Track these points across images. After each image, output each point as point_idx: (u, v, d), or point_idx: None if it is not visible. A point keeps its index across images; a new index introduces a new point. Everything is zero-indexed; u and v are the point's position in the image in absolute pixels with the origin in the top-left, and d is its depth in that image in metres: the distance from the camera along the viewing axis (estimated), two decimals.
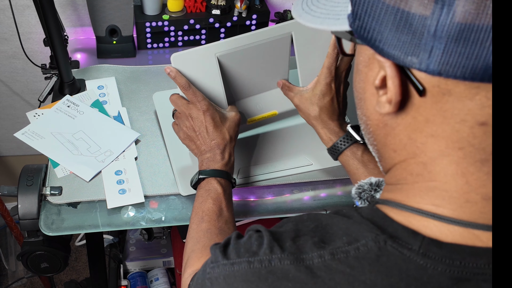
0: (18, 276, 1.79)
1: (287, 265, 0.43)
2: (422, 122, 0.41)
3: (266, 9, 1.31)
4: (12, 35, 1.31)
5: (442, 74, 0.38)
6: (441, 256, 0.40)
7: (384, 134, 0.46)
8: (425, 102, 0.40)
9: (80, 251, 1.90)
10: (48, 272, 1.01)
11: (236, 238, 0.50)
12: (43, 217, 0.90)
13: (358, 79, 0.47)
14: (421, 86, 0.40)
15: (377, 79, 0.42)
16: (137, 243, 1.60)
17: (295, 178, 0.99)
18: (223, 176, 0.81)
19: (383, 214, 0.44)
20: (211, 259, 0.49)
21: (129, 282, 1.53)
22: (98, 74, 1.18)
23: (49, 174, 0.96)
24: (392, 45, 0.40)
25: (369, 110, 0.47)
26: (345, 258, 0.42)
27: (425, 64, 0.38)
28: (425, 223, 0.42)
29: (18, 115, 1.55)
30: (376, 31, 0.40)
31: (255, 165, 1.00)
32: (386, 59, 0.41)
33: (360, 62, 0.46)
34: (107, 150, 1.00)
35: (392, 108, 0.42)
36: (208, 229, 0.74)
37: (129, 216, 0.92)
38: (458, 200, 0.41)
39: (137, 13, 1.25)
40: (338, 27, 0.45)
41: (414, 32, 0.38)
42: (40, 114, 1.06)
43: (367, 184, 0.56)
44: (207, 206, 0.77)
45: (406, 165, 0.45)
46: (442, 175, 0.42)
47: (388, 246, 0.41)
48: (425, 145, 0.42)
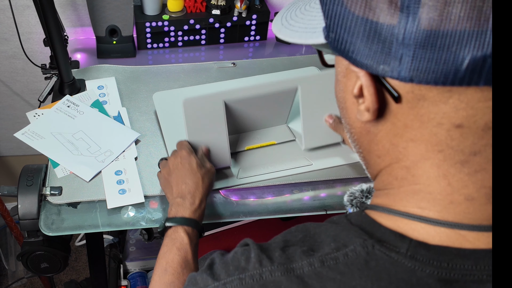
0: (18, 276, 1.79)
1: (278, 276, 0.43)
2: (401, 127, 0.42)
3: (266, 9, 1.31)
4: (12, 35, 1.31)
5: (413, 80, 0.38)
6: (429, 258, 0.41)
7: (367, 141, 0.47)
8: (401, 108, 0.41)
9: (80, 251, 1.90)
10: (48, 272, 1.01)
11: (221, 256, 0.49)
12: (43, 217, 0.90)
13: (338, 89, 0.48)
14: (396, 93, 0.41)
15: (355, 88, 0.43)
16: (137, 243, 1.60)
17: (295, 178, 0.99)
18: (191, 224, 0.78)
19: (371, 219, 0.45)
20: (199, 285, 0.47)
21: (129, 282, 1.53)
22: (98, 74, 1.18)
23: (49, 174, 0.96)
24: (364, 55, 0.40)
25: (351, 118, 0.48)
26: (335, 264, 0.42)
27: (396, 72, 0.39)
28: (412, 226, 0.43)
29: (18, 115, 1.55)
30: (349, 42, 0.41)
31: (255, 165, 1.00)
32: (360, 69, 0.42)
33: (339, 73, 0.47)
34: (107, 150, 1.00)
35: (371, 116, 0.43)
36: (172, 282, 0.72)
37: (129, 216, 0.92)
38: (442, 201, 0.42)
39: (137, 13, 1.25)
40: (314, 40, 0.46)
41: (384, 41, 0.39)
42: (40, 114, 1.06)
43: (358, 191, 0.57)
44: (171, 256, 0.75)
45: (390, 170, 0.46)
46: (425, 178, 0.42)
47: (376, 250, 0.42)
48: (406, 150, 0.43)
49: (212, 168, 0.88)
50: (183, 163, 0.84)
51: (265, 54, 1.33)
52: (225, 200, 0.96)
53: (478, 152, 0.40)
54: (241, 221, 1.36)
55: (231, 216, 0.95)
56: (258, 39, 1.35)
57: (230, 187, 0.97)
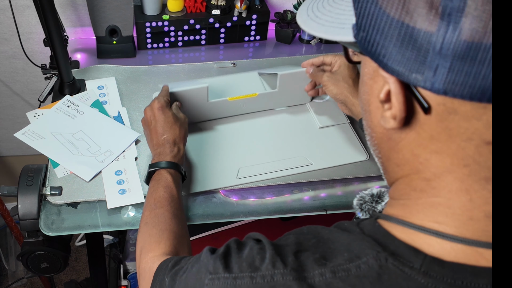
0: (18, 276, 1.79)
1: (289, 281, 0.42)
2: (426, 138, 0.41)
3: (266, 9, 1.31)
4: (12, 35, 1.31)
5: (447, 94, 0.37)
6: (443, 275, 0.39)
7: (388, 148, 0.46)
8: (429, 119, 0.40)
9: (80, 251, 1.90)
10: (48, 272, 1.01)
11: (237, 249, 0.49)
12: (43, 217, 0.90)
13: (363, 91, 0.46)
14: (426, 104, 0.39)
15: (382, 93, 0.41)
16: None
17: (295, 178, 0.99)
18: (172, 167, 0.85)
19: (384, 231, 0.44)
20: (208, 269, 0.47)
21: (129, 282, 1.53)
22: (98, 74, 1.18)
23: (49, 174, 0.96)
24: (397, 60, 0.38)
25: (374, 122, 0.46)
26: (346, 276, 0.41)
27: (430, 83, 0.37)
28: (427, 240, 0.41)
29: (18, 115, 1.55)
30: (381, 45, 0.39)
31: (255, 165, 1.00)
32: (390, 75, 0.40)
33: (365, 74, 0.45)
34: (107, 150, 1.00)
35: (397, 124, 0.42)
36: (162, 213, 0.77)
37: (129, 216, 0.92)
38: (461, 217, 0.41)
39: (137, 13, 1.25)
40: (342, 37, 0.44)
41: (419, 49, 0.37)
42: (40, 114, 1.06)
43: (368, 196, 0.55)
44: (158, 194, 0.81)
45: (409, 180, 0.44)
46: (446, 192, 0.41)
47: (390, 264, 0.40)
48: (428, 161, 0.42)
49: (186, 118, 0.95)
50: (160, 115, 0.90)
51: (265, 54, 1.33)
52: (225, 200, 0.96)
53: None
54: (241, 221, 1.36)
55: (231, 216, 0.95)
56: (258, 39, 1.35)
57: (230, 187, 0.97)
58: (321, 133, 1.06)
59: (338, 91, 0.96)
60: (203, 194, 0.96)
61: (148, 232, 0.75)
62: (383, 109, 0.43)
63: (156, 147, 0.89)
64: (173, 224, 0.76)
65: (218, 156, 1.01)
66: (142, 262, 0.71)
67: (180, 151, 0.89)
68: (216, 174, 0.98)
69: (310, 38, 1.35)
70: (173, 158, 0.87)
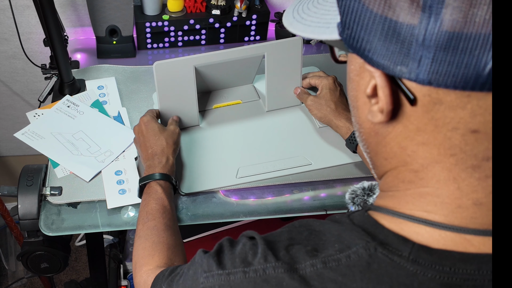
0: (18, 276, 1.79)
1: (281, 273, 0.43)
2: (413, 130, 0.41)
3: (266, 9, 1.31)
4: (12, 35, 1.31)
5: (432, 84, 0.37)
6: (431, 262, 0.40)
7: (375, 143, 0.46)
8: (416, 111, 0.40)
9: (80, 251, 1.90)
10: (48, 272, 1.01)
11: (230, 246, 0.49)
12: (43, 217, 0.90)
13: (351, 87, 0.47)
14: (412, 96, 0.39)
15: (369, 88, 0.42)
16: None
17: (295, 178, 0.99)
18: (162, 178, 0.86)
19: (374, 221, 0.44)
20: (203, 268, 0.48)
21: (129, 282, 1.53)
22: (98, 74, 1.18)
23: (49, 174, 0.96)
24: (381, 54, 0.39)
25: (361, 118, 0.47)
26: (337, 266, 0.42)
27: (414, 74, 0.38)
28: (416, 229, 0.42)
29: (18, 115, 1.55)
30: (365, 40, 0.40)
31: (254, 164, 1.00)
32: (376, 69, 0.40)
33: (352, 71, 0.46)
34: (107, 150, 1.00)
35: (384, 117, 0.42)
36: (155, 226, 0.78)
37: (129, 216, 0.92)
38: (449, 205, 0.41)
39: (137, 13, 1.25)
40: (328, 36, 0.45)
41: (403, 42, 0.38)
42: (40, 114, 1.06)
43: (360, 189, 0.56)
44: (150, 206, 0.82)
45: (397, 172, 0.45)
46: (434, 181, 0.42)
47: (379, 253, 0.41)
48: (416, 153, 0.42)
49: (176, 129, 0.96)
50: (146, 129, 0.92)
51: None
52: (225, 200, 0.96)
53: (491, 158, 0.39)
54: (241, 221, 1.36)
55: (231, 216, 0.95)
56: (258, 39, 1.35)
57: (230, 186, 0.97)
58: (320, 133, 1.06)
59: (321, 115, 1.01)
60: (203, 194, 0.96)
61: (142, 245, 0.76)
62: (370, 104, 0.43)
63: (145, 160, 0.91)
64: (166, 236, 0.77)
65: (217, 155, 1.01)
66: (137, 276, 0.72)
67: (169, 161, 0.89)
68: (215, 173, 0.98)
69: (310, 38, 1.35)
70: (162, 169, 0.87)
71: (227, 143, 1.03)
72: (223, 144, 1.03)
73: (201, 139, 1.04)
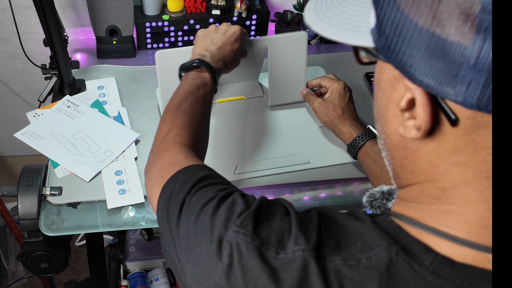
0: (18, 276, 1.79)
1: (309, 257, 0.42)
2: (448, 150, 0.39)
3: (266, 9, 1.31)
4: (12, 35, 1.31)
5: (481, 109, 0.35)
6: (452, 276, 0.39)
7: (402, 156, 0.45)
8: (455, 132, 0.38)
9: (80, 251, 1.90)
10: (48, 272, 1.01)
11: (267, 216, 0.48)
12: (43, 217, 0.90)
13: (380, 96, 0.45)
14: (454, 117, 0.37)
15: (403, 101, 0.40)
16: (137, 243, 1.60)
17: (295, 178, 0.99)
18: (212, 71, 0.81)
19: (397, 226, 0.43)
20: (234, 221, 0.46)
21: (129, 282, 1.53)
22: (98, 74, 1.18)
23: (49, 174, 0.95)
24: (425, 72, 0.36)
25: (390, 129, 0.44)
26: (356, 265, 0.41)
27: (462, 97, 0.35)
28: (437, 242, 0.41)
29: (18, 115, 1.55)
30: (407, 54, 0.37)
31: (253, 161, 1.00)
32: (418, 86, 0.38)
33: (383, 80, 0.43)
34: (107, 150, 1.00)
35: (420, 135, 0.40)
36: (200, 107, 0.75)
37: (129, 216, 0.92)
38: (475, 225, 0.40)
39: (137, 13, 1.25)
40: (359, 41, 0.42)
41: (451, 62, 0.35)
42: (40, 114, 1.06)
43: (379, 193, 0.54)
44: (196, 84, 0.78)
45: (423, 187, 0.43)
46: (462, 201, 0.40)
47: (400, 258, 0.40)
48: (447, 172, 0.40)
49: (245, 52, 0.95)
50: (221, 29, 0.89)
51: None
52: None
53: None
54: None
55: None
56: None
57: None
58: (321, 132, 1.06)
59: (327, 119, 0.98)
60: None
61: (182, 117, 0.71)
62: (403, 118, 0.41)
63: (210, 46, 0.87)
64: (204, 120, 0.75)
65: (216, 151, 1.01)
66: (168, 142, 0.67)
67: (220, 62, 0.86)
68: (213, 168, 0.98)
69: (310, 38, 1.35)
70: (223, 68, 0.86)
71: (227, 139, 1.04)
72: (223, 139, 1.03)
73: None
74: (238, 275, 0.44)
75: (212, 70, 0.81)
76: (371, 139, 0.92)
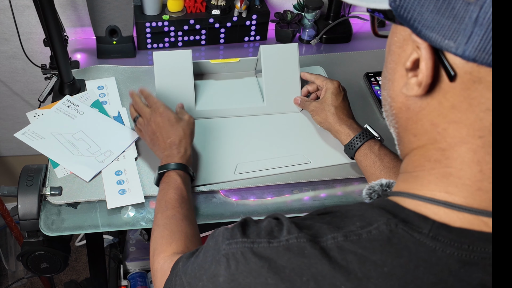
0: (18, 276, 1.79)
1: (303, 242, 0.44)
2: (447, 107, 0.42)
3: (266, 9, 1.31)
4: (12, 35, 1.31)
5: (477, 61, 0.38)
6: (450, 239, 0.41)
7: (406, 118, 0.47)
8: (454, 88, 0.41)
9: (80, 251, 1.90)
10: (48, 273, 1.01)
11: (254, 222, 0.50)
12: (43, 217, 0.90)
13: (390, 60, 0.48)
14: (453, 71, 0.40)
15: (409, 61, 0.43)
16: (137, 243, 1.60)
17: (295, 178, 0.99)
18: (181, 168, 0.87)
19: (394, 203, 0.45)
20: (225, 236, 0.49)
21: (129, 282, 1.53)
22: (98, 74, 1.18)
23: (49, 174, 0.95)
24: (431, 27, 0.40)
25: (395, 91, 0.47)
26: (358, 240, 0.43)
27: (461, 49, 0.39)
28: (435, 210, 0.43)
29: (18, 115, 1.55)
30: (417, 12, 0.41)
31: (253, 161, 1.00)
32: (423, 41, 0.41)
33: (394, 43, 0.46)
34: (107, 150, 1.00)
35: (421, 91, 0.43)
36: (173, 215, 0.78)
37: (129, 216, 0.92)
38: (470, 187, 0.42)
39: (137, 13, 1.25)
40: (377, 4, 0.45)
41: (456, 17, 0.38)
42: (40, 114, 1.06)
43: (378, 185, 0.56)
44: (169, 195, 0.82)
45: (424, 151, 0.46)
46: (458, 162, 0.43)
47: (399, 229, 0.42)
48: (446, 131, 0.43)
49: (191, 119, 0.94)
50: (163, 119, 0.91)
51: None
52: (225, 200, 0.96)
53: None
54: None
55: (231, 216, 0.95)
56: (258, 39, 1.35)
57: (227, 182, 0.97)
58: (321, 132, 1.06)
59: (321, 119, 1.00)
60: (203, 194, 0.96)
61: (160, 234, 0.76)
62: (408, 77, 0.44)
63: (163, 150, 0.90)
64: (184, 225, 0.77)
65: (216, 151, 1.01)
66: (155, 263, 0.72)
67: (187, 151, 0.90)
68: (213, 168, 0.98)
69: (310, 38, 1.35)
70: (181, 159, 0.88)
71: (227, 139, 1.04)
72: (223, 139, 1.03)
73: (201, 134, 1.04)
74: (242, 281, 0.45)
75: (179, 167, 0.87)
76: (369, 140, 0.92)
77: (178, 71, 1.05)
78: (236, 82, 1.14)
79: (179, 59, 1.05)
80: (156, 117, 0.91)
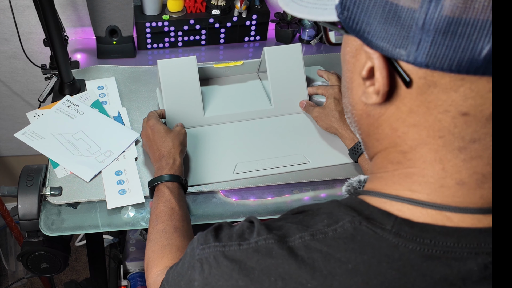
0: (18, 276, 1.79)
1: (271, 243, 0.45)
2: (405, 112, 0.43)
3: (266, 9, 1.31)
4: (12, 35, 1.31)
5: (429, 67, 0.39)
6: (412, 234, 0.42)
7: (367, 124, 0.48)
8: (410, 93, 0.41)
9: (80, 251, 1.90)
10: (48, 273, 1.01)
11: (228, 226, 0.51)
12: (43, 217, 0.90)
13: (346, 69, 0.48)
14: (408, 78, 0.41)
15: (364, 70, 0.43)
16: (137, 243, 1.60)
17: (295, 178, 0.99)
18: (170, 179, 0.87)
19: (360, 200, 0.46)
20: (199, 241, 0.50)
21: (129, 282, 1.53)
22: (98, 75, 1.18)
23: (49, 175, 0.96)
24: (381, 37, 0.40)
25: (355, 99, 0.48)
26: (323, 238, 0.44)
27: (413, 57, 0.39)
28: (399, 207, 0.44)
29: (18, 115, 1.55)
30: (365, 22, 0.41)
31: (252, 161, 1.00)
32: (374, 51, 0.42)
33: (347, 53, 0.47)
34: (107, 150, 1.00)
35: (379, 99, 0.43)
36: (163, 229, 0.79)
37: (129, 216, 0.92)
38: (433, 185, 0.43)
39: (137, 13, 1.25)
40: (325, 17, 0.45)
41: (403, 25, 0.39)
42: (40, 115, 1.06)
43: (356, 181, 0.57)
44: (159, 209, 0.82)
45: (386, 153, 0.47)
46: (420, 162, 0.43)
47: (363, 226, 0.43)
48: (406, 135, 0.44)
49: (182, 130, 0.96)
50: (153, 132, 0.93)
51: None
52: (225, 200, 0.96)
53: (478, 140, 0.40)
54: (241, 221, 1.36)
55: (231, 216, 0.95)
56: (258, 39, 1.35)
57: (227, 181, 0.97)
58: (321, 132, 1.06)
59: (326, 126, 1.02)
60: (203, 194, 0.96)
61: (152, 248, 0.77)
62: (365, 86, 0.45)
63: (154, 163, 0.91)
64: (175, 238, 0.78)
65: (215, 151, 1.01)
66: (149, 277, 0.73)
67: (176, 161, 0.90)
68: (213, 168, 0.98)
69: (310, 38, 1.35)
70: (169, 171, 0.88)
71: (226, 138, 1.04)
72: (223, 139, 1.03)
73: (201, 134, 1.04)
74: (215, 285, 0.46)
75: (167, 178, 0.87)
76: None
77: (184, 79, 1.04)
78: (241, 86, 1.14)
79: (184, 67, 1.04)
80: (147, 131, 0.94)
